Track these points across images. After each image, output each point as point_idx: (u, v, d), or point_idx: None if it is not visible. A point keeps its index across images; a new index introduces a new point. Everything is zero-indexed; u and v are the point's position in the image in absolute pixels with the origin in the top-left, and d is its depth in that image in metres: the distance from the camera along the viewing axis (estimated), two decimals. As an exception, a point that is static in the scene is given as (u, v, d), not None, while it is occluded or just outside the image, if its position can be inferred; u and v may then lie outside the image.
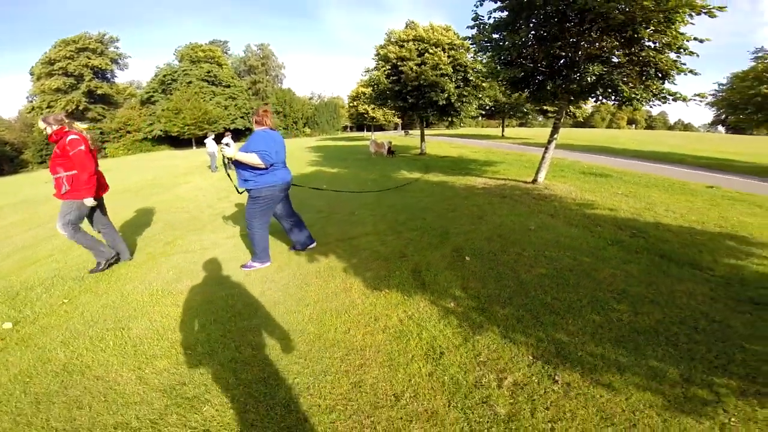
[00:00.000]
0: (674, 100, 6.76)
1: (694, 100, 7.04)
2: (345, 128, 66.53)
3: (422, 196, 7.45)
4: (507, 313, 2.81)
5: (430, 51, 12.25)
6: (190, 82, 47.63)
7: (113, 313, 3.03)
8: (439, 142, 25.90)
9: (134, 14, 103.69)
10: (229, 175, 4.24)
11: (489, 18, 7.54)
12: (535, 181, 8.68)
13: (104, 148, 48.87)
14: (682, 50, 6.39)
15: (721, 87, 16.65)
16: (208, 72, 49.05)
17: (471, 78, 12.96)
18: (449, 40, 12.67)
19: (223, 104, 48.99)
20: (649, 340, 2.44)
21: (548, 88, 7.56)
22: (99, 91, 47.46)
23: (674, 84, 6.78)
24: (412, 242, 4.56)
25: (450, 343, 2.47)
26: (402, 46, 12.77)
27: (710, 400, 1.91)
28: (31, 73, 46.64)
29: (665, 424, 1.77)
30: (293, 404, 1.97)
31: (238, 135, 52.95)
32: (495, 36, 7.59)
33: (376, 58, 13.92)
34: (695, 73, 6.62)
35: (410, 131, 39.33)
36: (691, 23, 6.21)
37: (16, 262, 4.67)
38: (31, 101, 48.22)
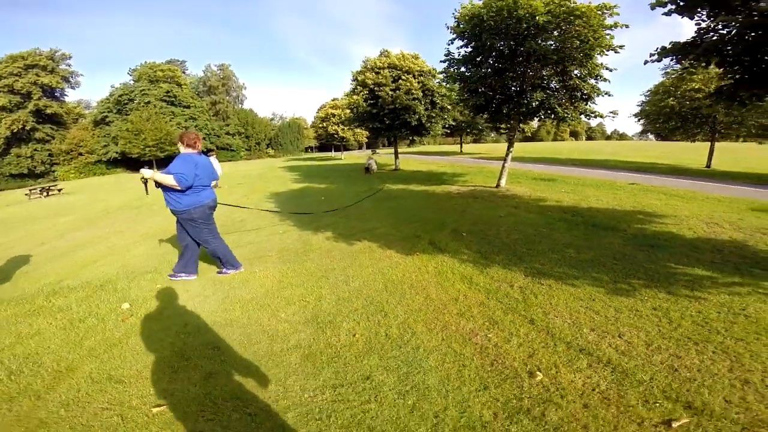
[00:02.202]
0: (595, 116, 8.98)
1: (610, 115, 9.30)
2: (308, 149, 67.41)
3: (412, 201, 9.02)
4: (501, 258, 4.37)
5: (403, 78, 14.11)
6: (149, 102, 46.62)
7: (206, 291, 4.10)
8: (407, 159, 27.88)
9: (75, 31, 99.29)
10: (146, 186, 4.29)
11: (458, 54, 9.40)
12: (498, 186, 10.56)
13: (53, 171, 46.27)
14: (598, 77, 8.53)
15: (642, 101, 19.57)
16: (168, 92, 48.31)
17: (437, 101, 14.93)
18: (419, 68, 14.62)
19: (183, 125, 48.27)
20: (589, 265, 4.08)
21: (504, 111, 9.53)
22: (48, 111, 44.69)
23: (595, 104, 8.95)
24: (419, 228, 6.05)
25: (473, 273, 3.97)
26: (378, 73, 14.53)
27: (630, 290, 3.44)
28: (-28, 90, 43.32)
29: (609, 298, 3.26)
30: (421, 297, 3.35)
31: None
32: (462, 69, 9.45)
33: (354, 83, 15.56)
34: (610, 95, 8.79)
35: (377, 150, 41.39)
36: (606, 54, 8.28)
37: (69, 265, 5.28)
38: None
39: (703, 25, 4.82)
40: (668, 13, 4.85)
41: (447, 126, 18.47)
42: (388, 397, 2.14)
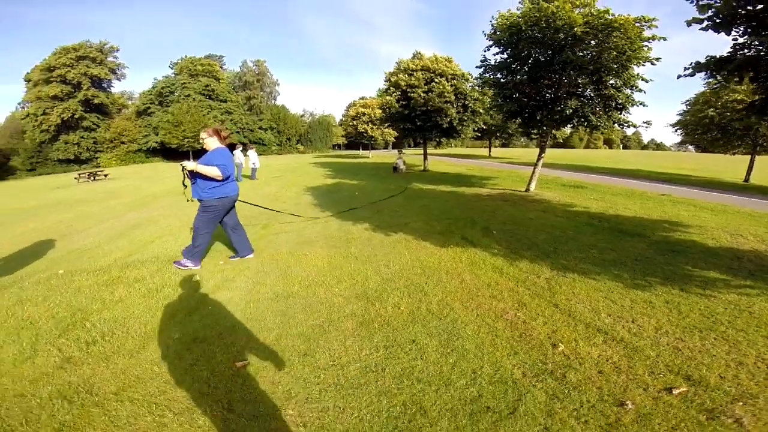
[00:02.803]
0: (628, 126, 9.11)
1: (643, 125, 9.43)
2: (335, 146, 68.59)
3: (442, 201, 9.45)
4: (529, 254, 4.78)
5: (436, 81, 14.51)
6: (188, 95, 48.90)
7: (265, 269, 4.77)
8: (435, 161, 28.19)
9: (120, 26, 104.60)
10: (185, 185, 4.52)
11: (494, 61, 9.74)
12: (527, 190, 10.83)
13: (97, 158, 49.17)
14: (633, 87, 8.68)
15: (682, 110, 19.11)
16: (206, 86, 50.51)
17: (469, 105, 15.25)
18: (452, 71, 14.99)
19: (219, 119, 50.37)
20: (610, 264, 4.43)
21: (537, 117, 9.79)
22: (96, 101, 47.71)
23: (629, 114, 9.09)
24: (451, 225, 6.50)
25: (503, 265, 4.41)
26: (411, 74, 14.99)
27: (646, 286, 3.79)
28: (27, 80, 46.48)
29: (626, 291, 3.64)
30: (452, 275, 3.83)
31: (233, 149, 54.23)
32: (498, 75, 9.78)
33: (387, 84, 16.09)
34: (644, 105, 8.92)
35: (403, 150, 41.73)
36: (643, 65, 8.45)
37: (133, 241, 5.90)
38: (24, 107, 48.16)
39: (740, 40, 5.03)
40: (705, 29, 5.06)
41: (477, 129, 18.72)
42: (432, 356, 2.62)
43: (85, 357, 2.64)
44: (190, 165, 4.10)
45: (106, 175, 24.42)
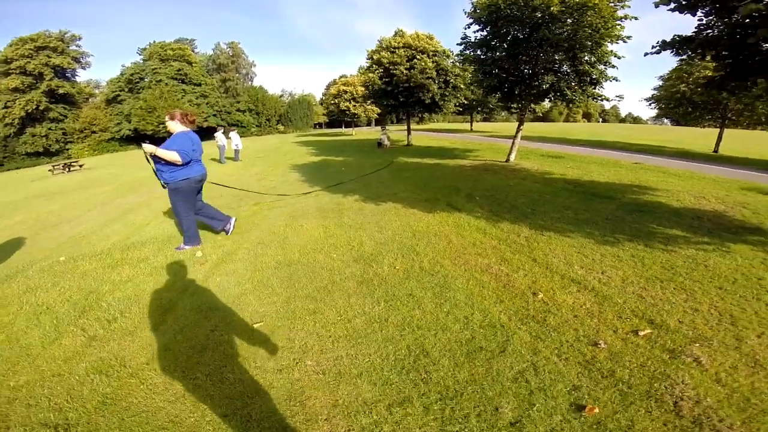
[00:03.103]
0: (602, 100, 9.49)
1: (616, 99, 9.84)
2: (317, 125, 67.59)
3: (428, 172, 9.75)
4: (509, 216, 5.17)
5: (417, 57, 14.54)
6: (160, 81, 47.07)
7: (263, 240, 5.01)
8: (418, 135, 28.28)
9: (84, 13, 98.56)
10: (155, 171, 4.40)
11: (474, 38, 9.89)
12: (507, 161, 11.22)
13: (68, 149, 47.31)
14: (607, 64, 9.01)
15: (657, 85, 19.80)
16: (179, 70, 48.60)
17: (450, 80, 15.39)
18: (433, 48, 15.02)
19: (194, 102, 48.82)
20: (583, 223, 4.84)
21: (516, 92, 10.07)
22: (61, 90, 45.53)
23: (602, 88, 9.44)
24: (437, 193, 6.84)
25: (486, 226, 4.78)
26: (393, 52, 14.96)
27: (615, 242, 4.21)
28: (-15, 73, 44.17)
29: (597, 247, 4.05)
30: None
31: (211, 133, 52.82)
32: (478, 52, 9.95)
33: (370, 61, 16.01)
34: (617, 80, 9.30)
35: (386, 127, 41.65)
36: (616, 42, 8.75)
37: (127, 225, 6.09)
38: (-17, 101, 45.64)
39: (705, 21, 5.34)
40: (672, 10, 5.34)
41: (459, 104, 18.90)
42: (428, 306, 2.94)
43: (109, 334, 2.81)
44: (149, 148, 4.06)
45: (81, 166, 23.67)
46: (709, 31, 5.26)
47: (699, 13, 5.23)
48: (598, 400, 1.93)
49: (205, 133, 51.98)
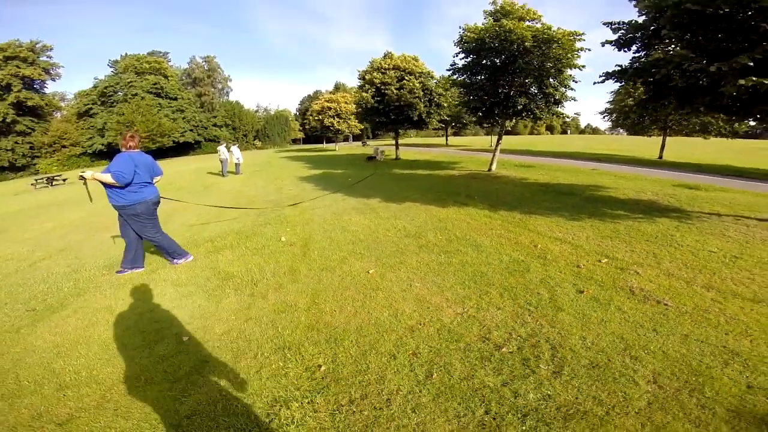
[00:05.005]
0: (562, 117, 11.74)
1: (575, 116, 12.33)
2: (294, 141, 68.49)
3: (425, 181, 11.51)
4: (504, 207, 6.96)
5: (406, 78, 16.47)
6: (136, 94, 46.78)
7: (325, 226, 6.51)
8: (401, 150, 30.22)
9: (53, 23, 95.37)
10: (86, 189, 4.64)
11: (461, 65, 11.85)
12: (490, 170, 13.20)
13: (35, 164, 45.75)
14: (566, 87, 11.20)
15: (609, 100, 22.90)
16: (155, 84, 48.45)
17: (434, 99, 17.41)
18: (419, 69, 17.02)
19: (171, 117, 48.70)
20: (557, 210, 6.69)
21: (495, 111, 12.11)
22: (29, 102, 44.05)
23: (564, 107, 11.66)
24: (441, 195, 8.55)
25: (490, 214, 6.52)
26: (384, 73, 16.82)
27: (579, 219, 6.06)
28: (-53, 84, 42.21)
29: (568, 222, 5.87)
30: (454, 231, 5.81)
31: (188, 148, 52.56)
32: (464, 77, 11.94)
33: (362, 81, 17.79)
34: (575, 100, 11.56)
35: (367, 142, 43.71)
36: (576, 69, 10.96)
37: (185, 227, 7.26)
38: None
39: (637, 56, 7.39)
40: (614, 48, 7.36)
41: (442, 120, 20.94)
42: (472, 255, 4.58)
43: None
44: (88, 174, 4.04)
45: (65, 180, 23.58)
46: (637, 64, 7.31)
47: (634, 48, 7.24)
48: (588, 289, 3.59)
49: (182, 149, 51.86)
